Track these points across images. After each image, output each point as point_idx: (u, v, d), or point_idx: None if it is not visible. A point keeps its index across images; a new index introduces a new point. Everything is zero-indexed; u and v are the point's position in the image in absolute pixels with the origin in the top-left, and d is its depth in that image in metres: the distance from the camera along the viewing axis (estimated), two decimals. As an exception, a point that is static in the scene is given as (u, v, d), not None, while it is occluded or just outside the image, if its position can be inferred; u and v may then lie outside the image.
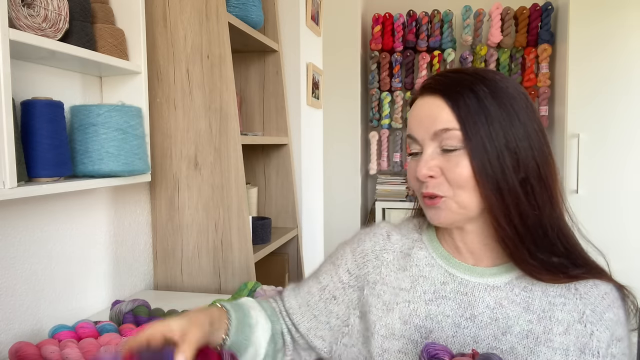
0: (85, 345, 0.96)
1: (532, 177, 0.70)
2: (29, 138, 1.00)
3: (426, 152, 0.72)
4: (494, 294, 0.73)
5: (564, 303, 0.71)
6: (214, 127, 1.47)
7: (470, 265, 0.76)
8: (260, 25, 1.72)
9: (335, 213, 3.33)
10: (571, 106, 2.97)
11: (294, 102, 2.07)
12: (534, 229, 0.71)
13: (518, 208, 0.69)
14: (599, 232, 3.36)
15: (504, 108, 0.69)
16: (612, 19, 2.88)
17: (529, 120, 0.70)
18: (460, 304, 0.74)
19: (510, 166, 0.68)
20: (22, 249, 1.12)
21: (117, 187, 1.42)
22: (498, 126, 0.68)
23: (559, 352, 0.69)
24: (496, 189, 0.68)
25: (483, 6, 3.35)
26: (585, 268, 0.73)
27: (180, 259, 1.54)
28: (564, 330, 0.70)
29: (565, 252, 0.73)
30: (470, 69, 0.75)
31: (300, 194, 2.10)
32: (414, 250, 0.81)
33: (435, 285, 0.77)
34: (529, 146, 0.69)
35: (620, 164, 2.93)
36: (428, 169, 0.71)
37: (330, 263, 0.87)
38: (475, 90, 0.69)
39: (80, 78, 1.28)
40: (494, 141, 0.68)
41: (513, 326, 0.71)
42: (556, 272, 0.71)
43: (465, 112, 0.69)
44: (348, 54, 3.34)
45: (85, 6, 1.15)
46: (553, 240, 0.72)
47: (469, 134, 0.68)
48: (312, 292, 0.85)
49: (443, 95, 0.71)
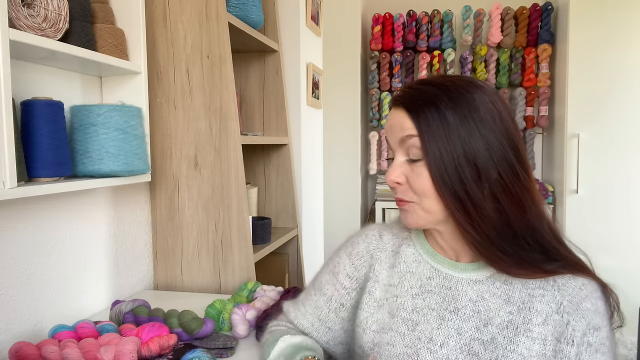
0: (85, 345, 0.96)
1: (495, 186, 0.72)
2: (29, 138, 1.00)
3: (396, 159, 0.77)
4: (476, 287, 0.77)
5: (543, 295, 0.74)
6: (214, 127, 1.47)
7: (453, 261, 0.80)
8: (260, 25, 1.72)
9: (335, 213, 3.33)
10: (571, 106, 2.97)
11: (294, 102, 2.07)
12: (502, 231, 0.73)
13: (482, 214, 0.72)
14: (599, 232, 3.37)
15: (464, 120, 0.72)
16: (613, 19, 2.88)
17: (491, 132, 0.72)
18: (445, 298, 0.78)
19: (469, 176, 0.71)
20: (22, 248, 1.12)
21: (117, 187, 1.43)
22: (456, 138, 0.72)
23: (537, 342, 0.72)
24: (455, 198, 0.72)
25: (483, 6, 3.35)
26: (563, 263, 0.75)
27: (180, 259, 1.54)
28: (543, 321, 0.73)
29: (540, 250, 0.75)
30: (439, 79, 0.78)
31: (300, 194, 2.10)
32: (403, 247, 0.86)
33: (422, 280, 0.81)
34: (489, 157, 0.72)
35: (620, 164, 2.93)
36: (395, 177, 0.76)
37: (329, 272, 0.90)
38: (437, 103, 0.73)
39: (80, 78, 1.28)
40: (452, 152, 0.72)
41: (494, 317, 0.75)
42: (530, 268, 0.74)
43: (425, 125, 0.73)
44: (348, 54, 3.34)
45: (85, 6, 1.15)
46: (525, 240, 0.74)
47: (427, 145, 0.73)
48: (320, 306, 0.89)
49: (405, 109, 0.76)
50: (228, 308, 1.19)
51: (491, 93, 0.75)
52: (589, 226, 2.96)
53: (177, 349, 1.04)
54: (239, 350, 1.10)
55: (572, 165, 2.97)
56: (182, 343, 1.08)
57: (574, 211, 2.99)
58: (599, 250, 3.40)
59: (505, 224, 0.73)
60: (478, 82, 0.76)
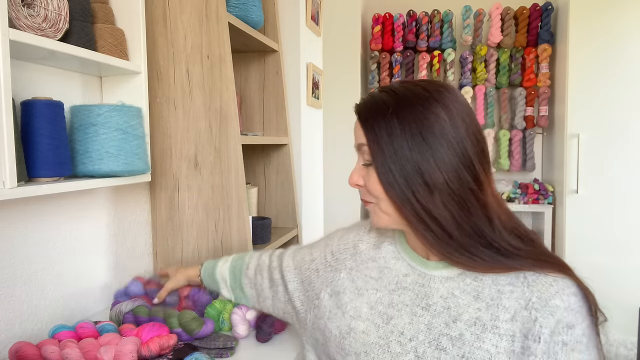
0: (85, 345, 0.96)
1: (442, 193, 0.75)
2: (29, 138, 1.00)
3: (357, 163, 0.85)
4: (447, 284, 0.80)
5: (512, 291, 0.75)
6: (214, 127, 1.47)
7: (425, 259, 0.85)
8: (260, 25, 1.72)
9: (335, 213, 3.33)
10: (571, 106, 2.97)
11: (294, 102, 2.07)
12: (454, 231, 0.76)
13: (431, 216, 0.76)
14: (599, 232, 3.37)
15: (410, 130, 0.75)
16: (612, 19, 2.88)
17: (438, 141, 0.75)
18: (418, 294, 0.82)
19: (416, 182, 0.75)
20: (22, 248, 1.12)
21: (117, 187, 1.43)
22: (401, 147, 0.75)
23: (505, 338, 0.73)
24: (405, 201, 0.76)
25: (483, 6, 3.35)
26: (528, 262, 0.76)
27: (180, 259, 1.54)
28: (511, 317, 0.74)
29: (498, 246, 0.76)
30: (397, 86, 0.81)
31: (300, 194, 2.10)
32: (385, 244, 0.92)
33: (398, 276, 0.86)
34: (434, 165, 0.75)
35: (620, 164, 2.93)
36: (354, 180, 0.84)
37: (324, 242, 1.03)
38: (384, 113, 0.77)
39: (80, 78, 1.28)
40: (398, 160, 0.76)
41: (463, 314, 0.77)
42: (490, 263, 0.76)
43: (372, 134, 0.78)
44: (348, 54, 3.34)
45: (85, 6, 1.15)
46: (478, 241, 0.76)
47: (374, 153, 0.78)
48: (305, 260, 1.02)
49: (359, 118, 0.83)
50: (228, 308, 1.19)
51: (447, 99, 0.77)
52: (589, 226, 2.96)
53: (177, 349, 1.04)
54: (239, 350, 1.10)
55: (572, 165, 2.97)
56: (182, 343, 1.08)
57: (574, 211, 2.99)
58: (599, 250, 3.41)
59: (456, 225, 0.76)
60: (434, 88, 0.78)
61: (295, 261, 1.04)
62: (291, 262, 1.04)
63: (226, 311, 1.19)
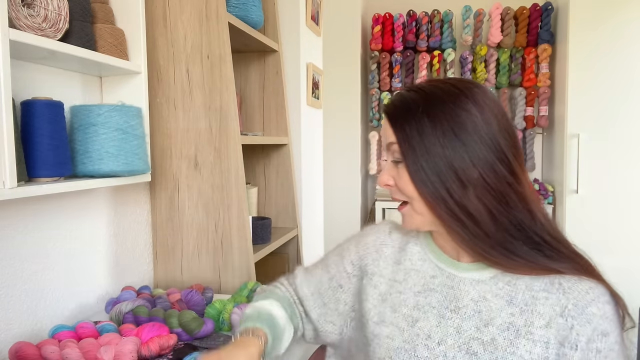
0: (85, 345, 0.96)
1: (478, 188, 0.73)
2: (29, 138, 1.00)
3: (387, 163, 0.82)
4: (479, 287, 0.78)
5: (547, 297, 0.74)
6: (214, 127, 1.47)
7: (455, 261, 0.82)
8: (260, 25, 1.72)
9: (335, 213, 3.33)
10: (571, 106, 2.97)
11: (294, 102, 2.07)
12: (491, 230, 0.74)
13: (467, 214, 0.74)
14: (599, 232, 3.37)
15: (442, 128, 0.74)
16: (613, 19, 2.88)
17: (470, 137, 0.73)
18: (447, 297, 0.79)
19: (450, 179, 0.73)
20: (22, 248, 1.12)
21: (117, 187, 1.43)
22: (433, 145, 0.74)
23: (539, 345, 0.72)
24: (439, 200, 0.74)
25: (483, 6, 3.35)
26: (566, 264, 0.75)
27: (180, 259, 1.54)
28: (546, 324, 0.73)
29: (536, 247, 0.75)
30: (427, 84, 0.80)
31: (300, 194, 2.10)
32: (410, 245, 0.88)
33: (425, 278, 0.83)
34: (469, 161, 0.73)
35: (620, 164, 2.93)
36: (384, 180, 0.81)
37: (337, 254, 0.96)
38: (414, 111, 0.76)
39: (80, 78, 1.28)
40: (430, 158, 0.74)
41: (495, 318, 0.75)
42: (529, 264, 0.74)
43: (403, 133, 0.76)
44: (348, 54, 3.34)
45: (85, 6, 1.15)
46: (517, 237, 0.75)
47: (405, 152, 0.76)
48: (322, 281, 0.94)
49: (387, 116, 0.81)
50: (228, 308, 1.19)
51: (478, 96, 0.75)
52: (589, 226, 2.96)
53: (177, 349, 1.04)
54: (239, 350, 1.10)
55: (572, 165, 2.97)
56: (182, 343, 1.08)
57: (574, 211, 2.99)
58: (599, 251, 3.40)
59: (492, 220, 0.74)
60: (464, 85, 0.77)
61: (311, 287, 0.95)
62: (306, 290, 0.95)
63: (226, 311, 1.19)
